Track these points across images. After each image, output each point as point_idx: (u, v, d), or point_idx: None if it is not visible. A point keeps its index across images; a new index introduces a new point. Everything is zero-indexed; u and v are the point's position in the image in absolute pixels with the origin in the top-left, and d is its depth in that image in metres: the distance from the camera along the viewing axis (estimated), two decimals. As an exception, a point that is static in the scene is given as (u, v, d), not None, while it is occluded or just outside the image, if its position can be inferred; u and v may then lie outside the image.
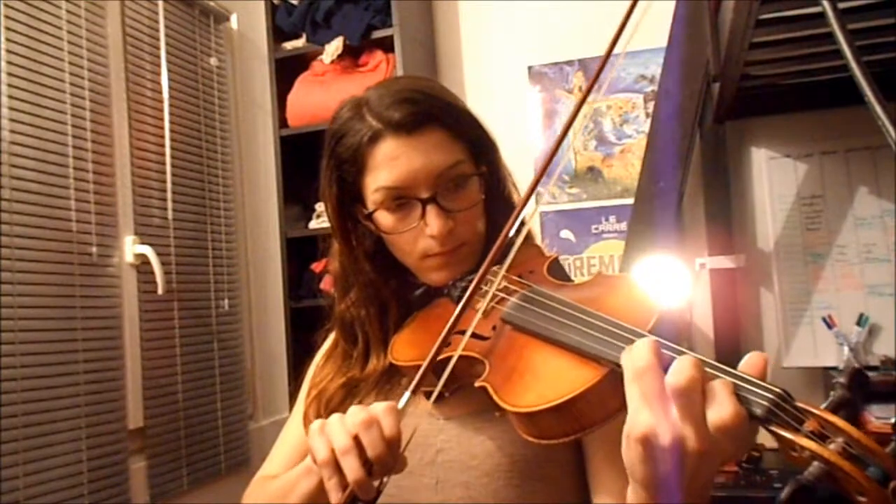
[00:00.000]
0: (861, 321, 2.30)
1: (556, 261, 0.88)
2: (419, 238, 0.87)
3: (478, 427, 0.86)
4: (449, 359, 0.77)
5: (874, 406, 2.04)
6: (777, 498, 0.53)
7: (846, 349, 2.27)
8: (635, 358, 0.56)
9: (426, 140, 0.85)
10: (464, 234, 0.88)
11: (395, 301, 0.93)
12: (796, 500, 0.52)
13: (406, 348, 0.86)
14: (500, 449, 0.84)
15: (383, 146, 0.86)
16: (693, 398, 0.53)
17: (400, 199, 0.86)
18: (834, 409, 0.53)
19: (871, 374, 2.19)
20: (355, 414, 0.69)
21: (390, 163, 0.85)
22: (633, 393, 0.56)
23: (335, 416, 0.71)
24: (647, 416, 0.54)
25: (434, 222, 0.85)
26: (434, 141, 0.86)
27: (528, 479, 0.83)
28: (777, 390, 0.54)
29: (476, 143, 0.91)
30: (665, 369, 0.55)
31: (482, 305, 0.79)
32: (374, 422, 0.68)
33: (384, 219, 0.88)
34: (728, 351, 2.39)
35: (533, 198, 0.80)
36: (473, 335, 0.77)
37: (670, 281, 2.17)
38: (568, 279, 0.86)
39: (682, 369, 0.54)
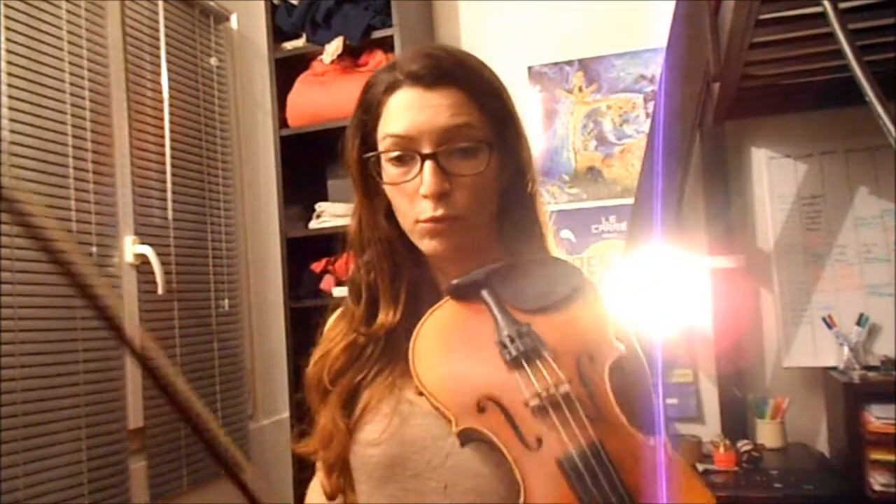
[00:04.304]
0: (861, 321, 2.30)
1: (621, 358, 0.77)
2: (416, 197, 0.84)
3: None
4: (479, 434, 0.72)
5: (874, 406, 2.04)
6: None
7: (846, 349, 2.27)
8: None
9: (442, 96, 0.83)
10: (460, 202, 0.83)
11: (410, 261, 0.91)
12: None
13: (437, 378, 0.78)
14: None
15: (399, 94, 0.85)
16: None
17: (403, 149, 0.84)
18: None
19: (871, 374, 2.19)
20: None
21: (400, 112, 0.84)
22: None
23: None
24: None
25: (429, 179, 0.81)
26: (450, 100, 0.83)
27: None
28: None
29: (497, 117, 0.87)
30: None
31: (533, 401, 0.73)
32: None
33: (387, 169, 0.87)
34: (728, 351, 2.39)
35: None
36: (514, 426, 0.72)
37: (674, 281, 2.17)
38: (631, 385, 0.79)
39: None
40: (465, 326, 0.81)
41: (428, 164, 0.82)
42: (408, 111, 0.84)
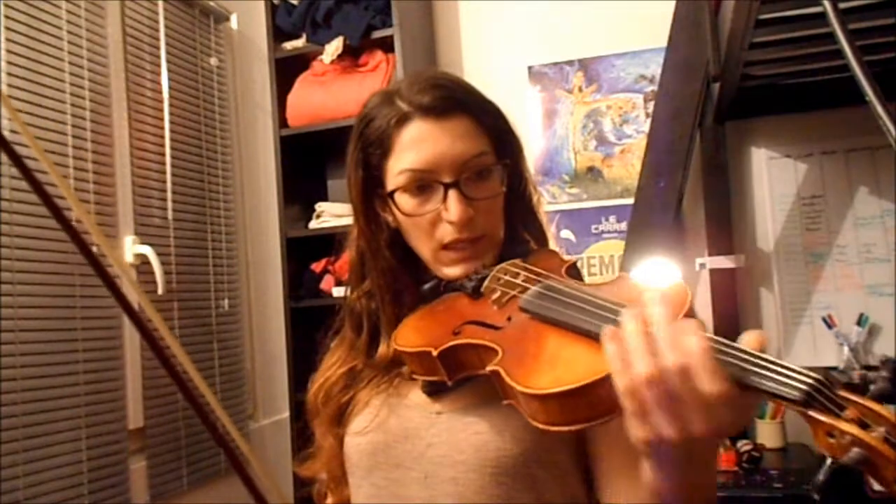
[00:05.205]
0: (861, 321, 2.30)
1: (574, 265, 0.87)
2: (438, 224, 0.87)
3: (468, 422, 0.84)
4: (456, 347, 0.77)
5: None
6: (814, 481, 0.53)
7: (846, 349, 2.27)
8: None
9: (454, 126, 0.87)
10: (483, 224, 0.87)
11: (410, 291, 0.93)
12: (834, 483, 0.53)
13: (410, 335, 0.85)
14: (487, 444, 0.82)
15: (411, 128, 0.87)
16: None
17: (422, 182, 0.86)
18: (874, 401, 0.54)
19: (870, 373, 2.19)
20: None
21: (417, 145, 0.86)
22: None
23: None
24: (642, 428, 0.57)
25: (455, 207, 0.85)
26: (462, 128, 0.87)
27: (514, 477, 0.82)
28: (817, 376, 0.55)
29: (501, 137, 0.92)
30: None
31: (498, 296, 0.81)
32: None
33: (404, 202, 0.88)
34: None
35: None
36: (485, 325, 0.78)
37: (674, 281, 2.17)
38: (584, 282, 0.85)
39: (714, 378, 0.55)
40: (434, 308, 0.89)
41: (452, 192, 0.85)
42: (424, 143, 0.86)
